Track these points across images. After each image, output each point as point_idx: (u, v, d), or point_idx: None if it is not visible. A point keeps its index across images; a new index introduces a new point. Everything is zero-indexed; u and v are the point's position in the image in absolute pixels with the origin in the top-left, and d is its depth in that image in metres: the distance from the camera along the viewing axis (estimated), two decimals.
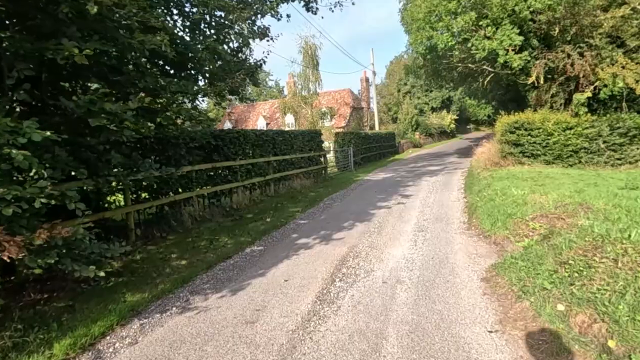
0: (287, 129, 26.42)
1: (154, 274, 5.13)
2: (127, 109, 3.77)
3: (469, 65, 18.17)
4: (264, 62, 7.88)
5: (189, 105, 6.58)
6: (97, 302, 4.16)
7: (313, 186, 13.47)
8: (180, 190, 7.84)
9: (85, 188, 4.66)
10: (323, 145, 26.92)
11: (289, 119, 32.61)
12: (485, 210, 7.04)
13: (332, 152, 21.28)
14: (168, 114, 5.27)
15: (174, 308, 4.15)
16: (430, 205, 9.03)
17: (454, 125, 50.54)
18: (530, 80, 15.32)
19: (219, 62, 6.48)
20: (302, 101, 26.33)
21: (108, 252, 3.72)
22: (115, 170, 4.94)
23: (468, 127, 64.21)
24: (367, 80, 41.09)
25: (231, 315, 3.89)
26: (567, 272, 3.50)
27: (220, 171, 9.19)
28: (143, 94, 4.70)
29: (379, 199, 10.43)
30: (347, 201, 10.40)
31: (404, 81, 53.87)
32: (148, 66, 5.36)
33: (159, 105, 4.88)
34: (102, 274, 3.49)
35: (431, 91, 52.64)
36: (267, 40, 7.71)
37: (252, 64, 7.43)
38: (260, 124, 43.96)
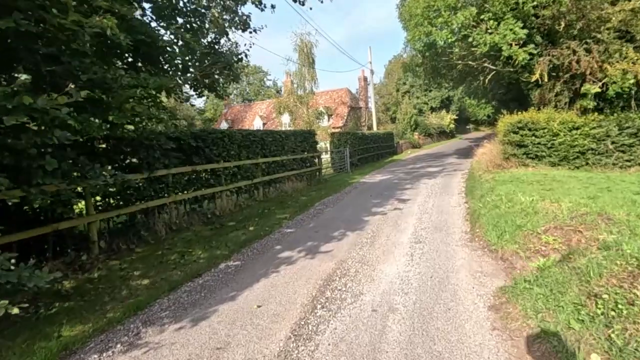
0: (282, 129, 25.74)
1: (107, 298, 4.41)
2: (57, 105, 3.05)
3: (470, 62, 17.48)
4: (246, 55, 7.16)
5: (173, 101, 5.86)
6: (25, 338, 3.45)
7: (306, 189, 12.76)
8: (154, 196, 7.13)
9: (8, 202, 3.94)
10: (319, 146, 26.33)
11: (286, 118, 31.96)
12: (490, 219, 6.33)
13: (328, 153, 20.58)
14: (128, 111, 4.55)
15: (119, 345, 3.44)
16: (428, 212, 8.33)
17: (453, 126, 49.87)
18: (534, 77, 14.63)
19: (195, 55, 5.78)
20: (297, 100, 25.60)
21: (31, 280, 2.99)
22: (64, 177, 4.24)
23: (467, 127, 63.53)
24: (365, 79, 40.38)
25: (184, 357, 3.18)
26: (600, 308, 2.80)
27: (201, 175, 8.48)
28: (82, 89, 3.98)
29: (374, 204, 9.72)
30: (340, 206, 9.69)
31: (403, 81, 53.20)
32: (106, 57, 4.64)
33: (109, 100, 4.15)
34: (15, 310, 2.76)
35: (430, 91, 51.98)
36: (250, 33, 7.00)
37: (230, 56, 6.69)
38: (257, 124, 43.23)
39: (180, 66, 5.63)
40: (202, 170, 8.42)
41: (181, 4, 5.65)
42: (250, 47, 7.33)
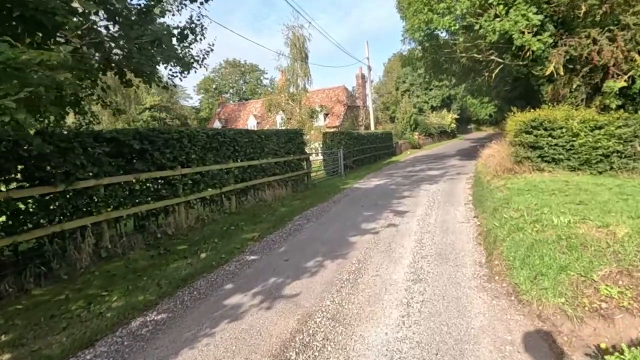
0: (276, 128, 24.03)
1: None
2: None
3: (475, 55, 15.85)
4: (192, 31, 5.54)
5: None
6: None
7: (290, 197, 11.15)
8: (73, 214, 5.50)
9: None
10: (312, 146, 24.69)
11: (280, 117, 30.29)
12: (514, 249, 4.72)
13: (320, 154, 18.97)
14: None
15: None
16: (431, 230, 6.72)
17: (454, 125, 48.18)
18: (548, 70, 13.01)
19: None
20: (289, 98, 23.98)
21: None
22: None
23: (469, 127, 61.87)
24: (362, 77, 38.76)
25: None
26: None
27: (149, 184, 6.87)
28: None
29: (365, 217, 8.11)
30: (324, 221, 8.08)
31: (403, 79, 51.60)
32: None
33: None
34: None
35: (431, 89, 50.35)
36: (200, 3, 5.38)
37: (161, 30, 5.06)
38: (251, 124, 41.69)
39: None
40: (149, 179, 6.81)
41: None
42: (199, 20, 5.72)
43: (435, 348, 3.07)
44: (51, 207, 5.17)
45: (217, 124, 43.99)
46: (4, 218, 4.76)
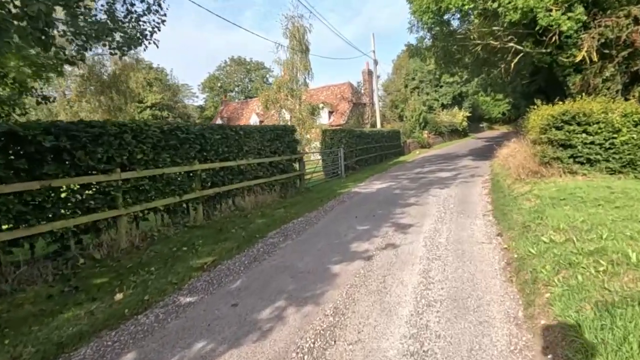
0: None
1: None
2: None
3: (491, 42, 14.01)
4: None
5: None
6: None
7: (274, 204, 9.51)
8: None
9: None
10: (314, 145, 23.01)
11: (285, 115, 28.55)
12: (572, 302, 3.01)
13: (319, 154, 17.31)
14: None
15: None
16: (441, 256, 5.02)
17: (466, 123, 46.00)
18: (579, 57, 11.18)
19: None
20: (288, 94, 22.32)
21: None
22: None
23: (481, 125, 59.56)
24: (369, 73, 36.94)
25: None
26: None
27: (67, 194, 5.26)
28: None
29: (358, 234, 6.44)
30: (305, 238, 6.41)
31: (412, 75, 49.56)
32: None
33: None
34: None
35: (441, 86, 48.25)
36: None
37: None
38: (254, 122, 40.17)
39: None
40: (67, 187, 5.22)
41: None
42: None
43: None
44: None
45: (219, 123, 42.58)
46: None
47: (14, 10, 4.19)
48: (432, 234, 6.16)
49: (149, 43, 5.98)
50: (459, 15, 14.03)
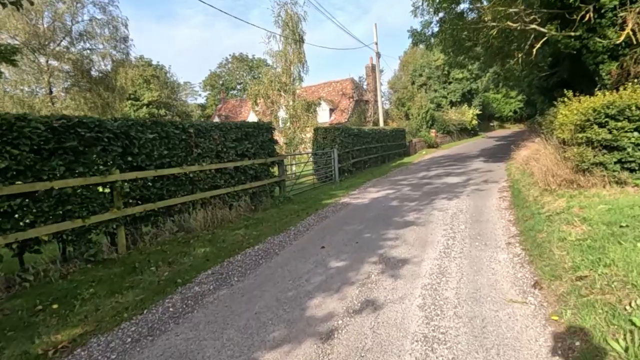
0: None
1: None
2: None
3: (509, 24, 11.83)
4: None
5: None
6: None
7: (236, 222, 7.55)
8: None
9: None
10: (309, 145, 21.01)
11: (282, 113, 26.47)
12: None
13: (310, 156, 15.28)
14: None
15: None
16: (446, 332, 3.01)
17: (476, 122, 43.55)
18: (622, 37, 9.04)
19: None
20: (280, 88, 20.32)
21: None
22: None
23: (491, 124, 57.02)
24: (373, 68, 34.78)
25: None
26: None
27: None
28: None
29: (327, 277, 4.43)
30: (246, 286, 4.42)
31: (419, 72, 47.17)
32: None
33: None
34: None
35: (450, 83, 45.82)
36: None
37: None
38: (251, 120, 38.21)
39: None
40: None
41: None
42: None
43: None
44: None
45: (216, 121, 40.79)
46: None
47: None
48: (434, 281, 4.13)
49: None
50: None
